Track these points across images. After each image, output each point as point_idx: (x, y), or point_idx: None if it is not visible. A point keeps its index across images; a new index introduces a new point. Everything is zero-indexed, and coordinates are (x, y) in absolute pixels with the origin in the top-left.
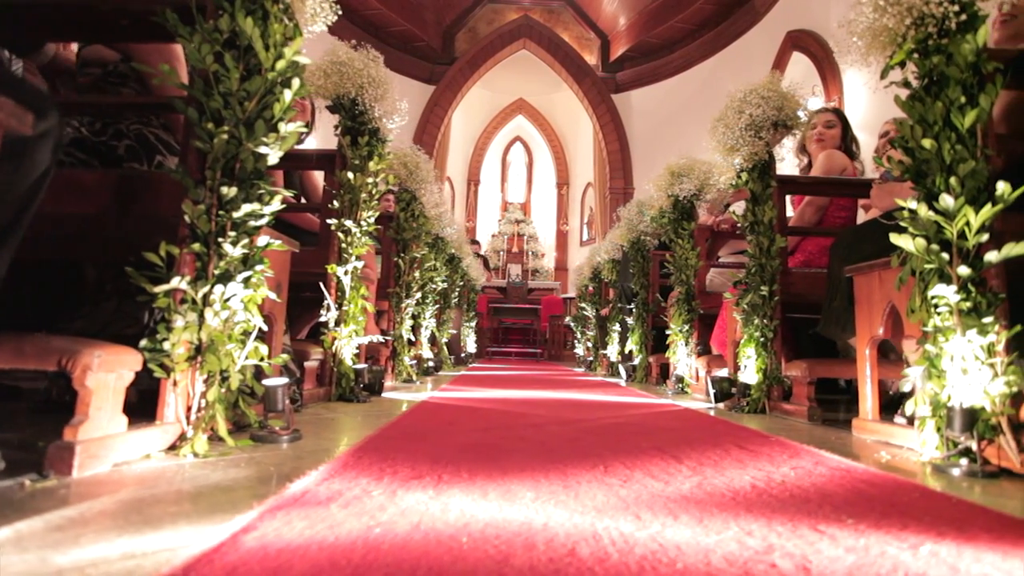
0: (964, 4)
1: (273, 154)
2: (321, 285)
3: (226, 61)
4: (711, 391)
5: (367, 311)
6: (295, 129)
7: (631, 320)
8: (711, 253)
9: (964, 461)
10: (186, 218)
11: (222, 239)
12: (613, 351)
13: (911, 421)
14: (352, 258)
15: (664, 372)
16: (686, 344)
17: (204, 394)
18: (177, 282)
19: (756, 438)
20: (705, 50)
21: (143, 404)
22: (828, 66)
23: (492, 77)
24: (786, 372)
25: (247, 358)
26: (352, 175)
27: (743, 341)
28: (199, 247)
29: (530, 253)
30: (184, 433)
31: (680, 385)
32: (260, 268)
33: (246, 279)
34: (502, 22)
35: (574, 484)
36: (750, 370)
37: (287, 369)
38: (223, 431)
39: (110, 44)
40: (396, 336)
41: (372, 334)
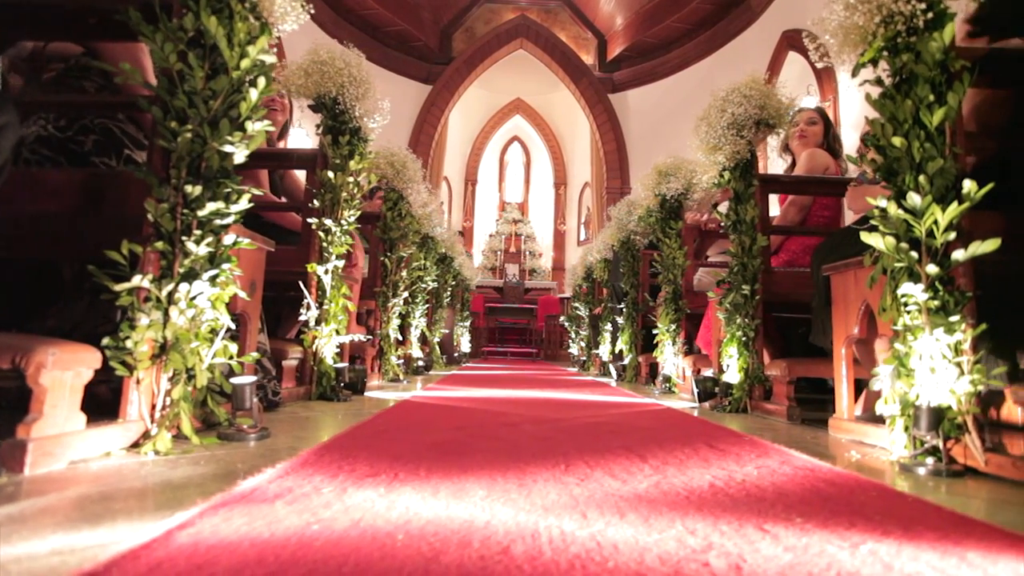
0: (931, 2)
1: (239, 153)
2: (301, 284)
3: (190, 60)
4: (695, 391)
5: (348, 310)
6: (263, 128)
7: (621, 320)
8: (699, 252)
9: (930, 460)
10: (149, 216)
11: (187, 237)
12: (605, 351)
13: (875, 420)
14: (333, 257)
15: (653, 372)
16: (673, 344)
17: (169, 392)
18: (139, 280)
19: (729, 437)
20: (702, 50)
21: (117, 402)
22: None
23: (489, 77)
24: (767, 371)
25: (215, 356)
26: (333, 174)
27: (725, 340)
28: (163, 245)
29: (527, 253)
30: (148, 431)
31: (667, 385)
32: (227, 266)
33: (213, 277)
34: (499, 22)
35: (530, 483)
36: (732, 369)
37: (261, 367)
38: (188, 429)
39: (79, 42)
40: (383, 335)
41: (354, 333)
